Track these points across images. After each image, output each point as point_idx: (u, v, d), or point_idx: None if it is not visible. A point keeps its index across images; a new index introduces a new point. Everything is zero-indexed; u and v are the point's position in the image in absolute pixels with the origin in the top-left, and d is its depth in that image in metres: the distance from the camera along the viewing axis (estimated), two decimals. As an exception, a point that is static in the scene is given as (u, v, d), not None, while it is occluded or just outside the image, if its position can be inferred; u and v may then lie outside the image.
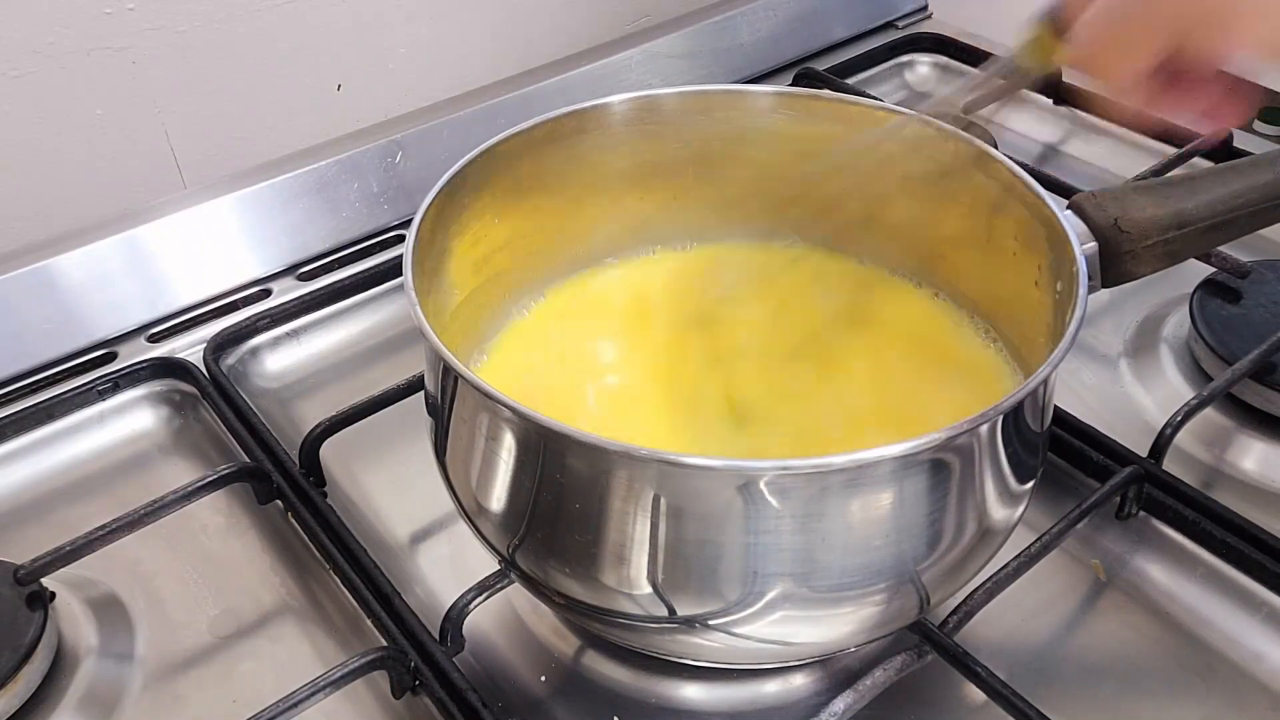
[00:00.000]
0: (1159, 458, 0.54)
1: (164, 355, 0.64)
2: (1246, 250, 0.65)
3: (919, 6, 0.96)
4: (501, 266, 0.55)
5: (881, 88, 0.90)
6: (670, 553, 0.39)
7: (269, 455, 0.56)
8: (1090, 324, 0.64)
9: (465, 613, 0.47)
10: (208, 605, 0.52)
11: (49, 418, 0.61)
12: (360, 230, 0.73)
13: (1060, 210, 0.46)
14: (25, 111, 0.68)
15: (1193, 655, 0.49)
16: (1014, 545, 0.47)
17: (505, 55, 0.85)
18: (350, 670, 0.45)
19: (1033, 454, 0.44)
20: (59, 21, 0.67)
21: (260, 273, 0.70)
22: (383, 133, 0.74)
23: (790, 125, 0.55)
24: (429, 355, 0.46)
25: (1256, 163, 0.47)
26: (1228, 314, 0.61)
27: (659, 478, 0.38)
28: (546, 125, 0.52)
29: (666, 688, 0.48)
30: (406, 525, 0.56)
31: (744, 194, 0.58)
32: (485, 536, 0.45)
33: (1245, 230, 0.47)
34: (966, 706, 0.47)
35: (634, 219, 0.58)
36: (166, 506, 0.52)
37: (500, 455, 0.41)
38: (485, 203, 0.52)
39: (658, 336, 0.56)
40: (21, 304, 0.63)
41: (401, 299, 0.56)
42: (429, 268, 0.48)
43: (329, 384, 0.65)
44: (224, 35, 0.73)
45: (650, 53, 0.83)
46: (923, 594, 0.42)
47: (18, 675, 0.46)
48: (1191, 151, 0.74)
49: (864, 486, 0.38)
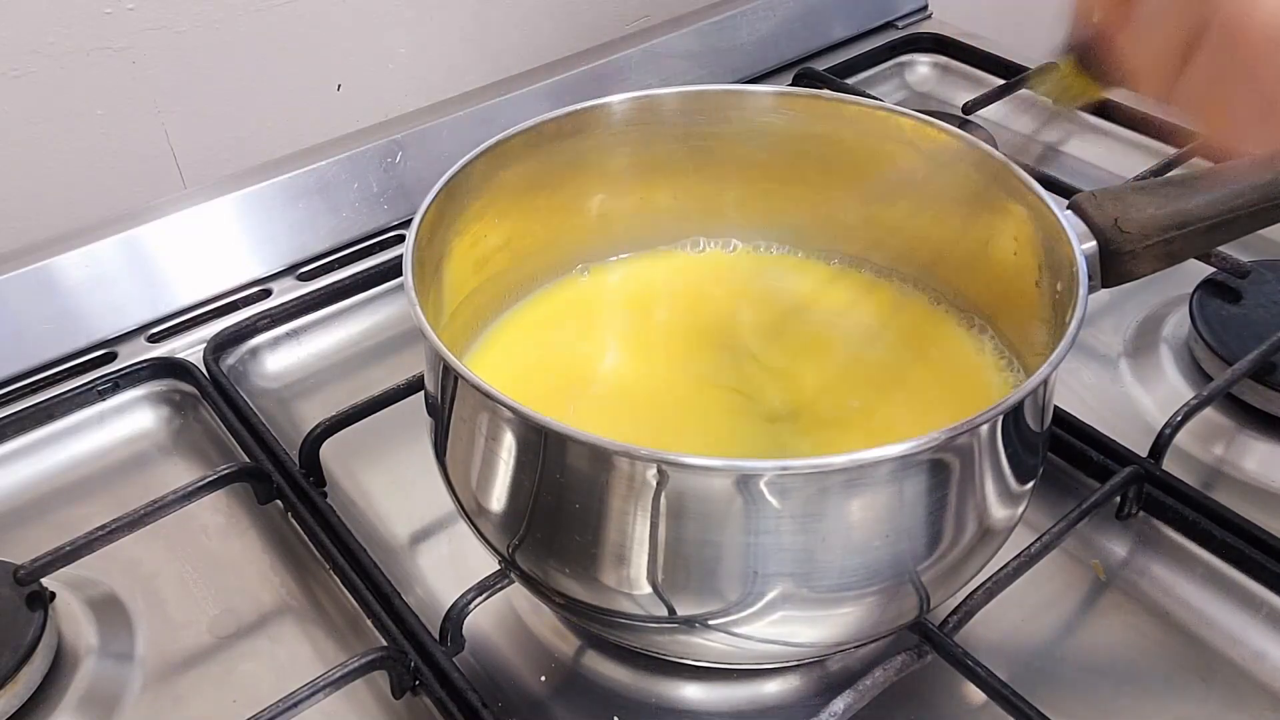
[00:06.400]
0: (1159, 458, 0.54)
1: (164, 355, 0.64)
2: (1246, 250, 0.65)
3: (919, 6, 0.96)
4: (501, 266, 0.55)
5: (881, 88, 0.90)
6: (670, 553, 0.39)
7: (269, 455, 0.56)
8: (1090, 324, 0.64)
9: (465, 613, 0.47)
10: (208, 605, 0.52)
11: (49, 418, 0.61)
12: (360, 230, 0.73)
13: (1060, 210, 0.46)
14: (25, 111, 0.68)
15: (1193, 655, 0.49)
16: (1014, 545, 0.47)
17: (505, 55, 0.85)
18: (350, 670, 0.45)
19: (1033, 454, 0.44)
20: (59, 21, 0.67)
21: (260, 273, 0.70)
22: (383, 133, 0.74)
23: (790, 125, 0.55)
24: (429, 355, 0.46)
25: (1256, 163, 0.47)
26: (1228, 314, 0.61)
27: (659, 478, 0.38)
28: (546, 125, 0.52)
29: (666, 688, 0.48)
30: (406, 525, 0.56)
31: (744, 194, 0.58)
32: (485, 536, 0.45)
33: (1245, 230, 0.47)
34: (966, 706, 0.47)
35: (634, 219, 0.58)
36: (166, 506, 0.52)
37: (500, 455, 0.41)
38: (485, 203, 0.52)
39: (657, 337, 0.56)
40: (21, 304, 0.63)
41: (401, 299, 0.56)
42: (429, 268, 0.48)
43: (329, 384, 0.65)
44: (224, 35, 0.73)
45: (650, 53, 0.83)
46: (923, 594, 0.42)
47: (18, 675, 0.46)
48: (1191, 151, 0.74)
49: (864, 486, 0.38)
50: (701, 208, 0.59)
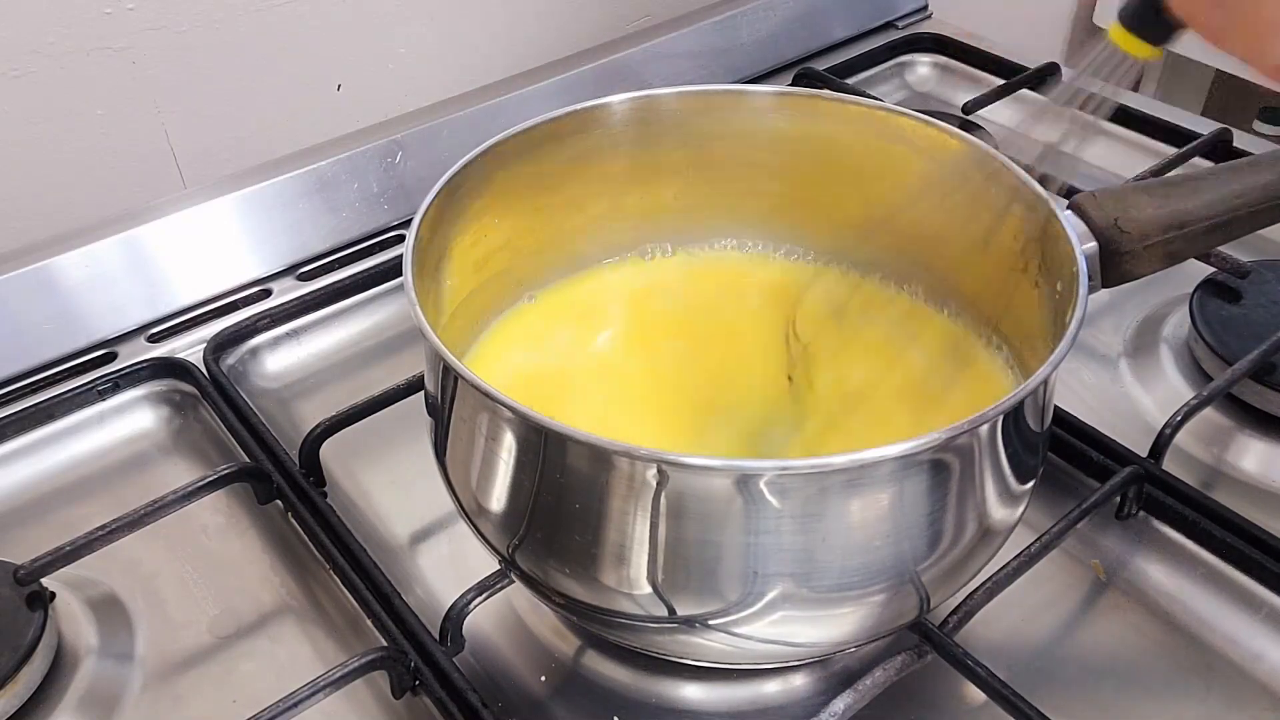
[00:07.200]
0: (1159, 458, 0.54)
1: (164, 355, 0.64)
2: (1246, 250, 0.65)
3: (919, 6, 0.96)
4: (501, 266, 0.55)
5: (881, 88, 0.90)
6: (670, 553, 0.39)
7: (269, 455, 0.56)
8: (1090, 324, 0.64)
9: (465, 613, 0.47)
10: (208, 605, 0.52)
11: (49, 418, 0.61)
12: (360, 230, 0.73)
13: (1060, 210, 0.46)
14: (25, 111, 0.68)
15: (1193, 655, 0.49)
16: (1014, 545, 0.47)
17: (505, 55, 0.85)
18: (350, 670, 0.45)
19: (1033, 454, 0.44)
20: (59, 21, 0.67)
21: (260, 273, 0.70)
22: (383, 133, 0.74)
23: (790, 125, 0.55)
24: (429, 355, 0.46)
25: (1256, 163, 0.47)
26: (1228, 314, 0.61)
27: (659, 478, 0.38)
28: (546, 125, 0.52)
29: (666, 688, 0.48)
30: (406, 525, 0.56)
31: (744, 194, 0.58)
32: (485, 536, 0.45)
33: (1245, 230, 0.47)
34: (966, 706, 0.47)
35: (634, 219, 0.58)
36: (166, 506, 0.52)
37: (500, 455, 0.41)
38: (485, 203, 0.52)
39: (657, 336, 0.56)
40: (21, 304, 0.63)
41: (401, 299, 0.56)
42: (429, 268, 0.48)
43: (329, 384, 0.65)
44: (224, 35, 0.73)
45: (650, 53, 0.83)
46: (923, 594, 0.42)
47: (18, 675, 0.46)
48: (1191, 151, 0.74)
49: (864, 486, 0.38)
50: (701, 208, 0.59)
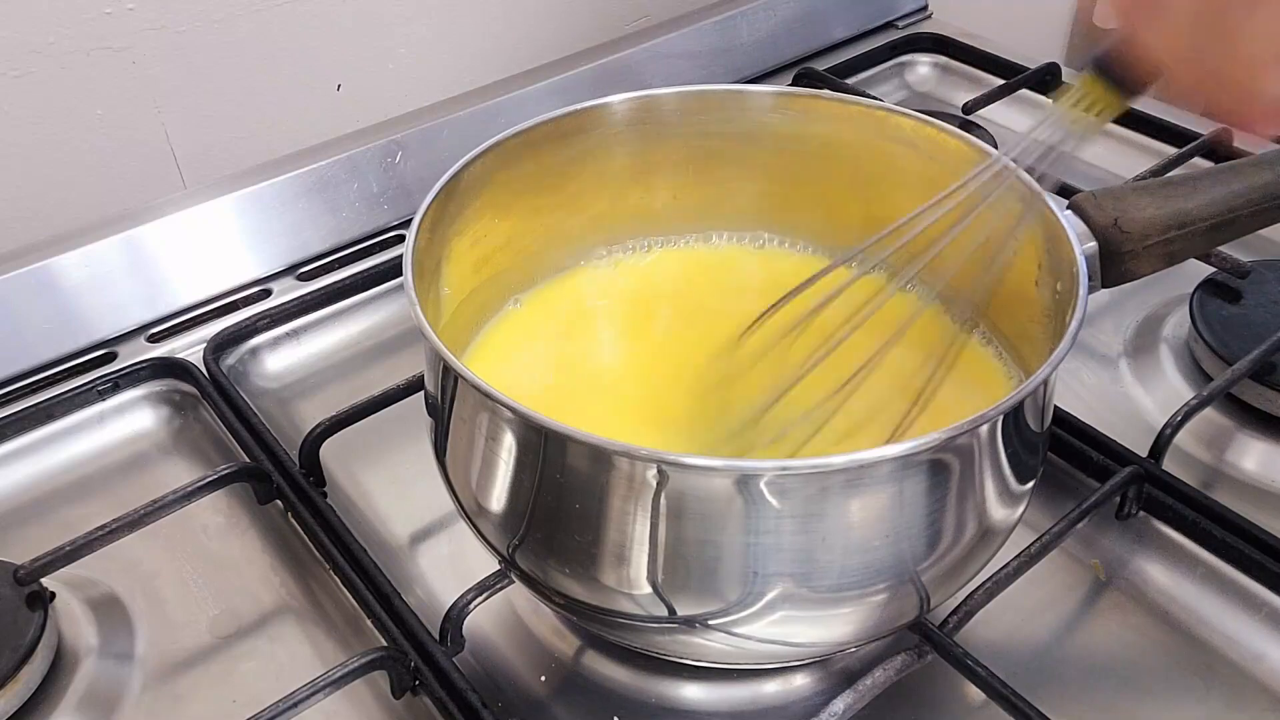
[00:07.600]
0: (1159, 458, 0.54)
1: (164, 355, 0.64)
2: (1246, 250, 0.65)
3: (919, 6, 0.96)
4: (501, 266, 0.55)
5: (881, 88, 0.90)
6: (670, 553, 0.39)
7: (269, 455, 0.56)
8: (1090, 324, 0.64)
9: (465, 613, 0.47)
10: (208, 605, 0.52)
11: (49, 418, 0.61)
12: (360, 230, 0.73)
13: (1060, 210, 0.46)
14: (25, 111, 0.68)
15: (1193, 655, 0.49)
16: (1014, 545, 0.47)
17: (505, 55, 0.85)
18: (350, 670, 0.45)
19: (1033, 454, 0.44)
20: (59, 21, 0.67)
21: (260, 273, 0.70)
22: (383, 133, 0.74)
23: (790, 125, 0.55)
24: (429, 355, 0.46)
25: (1256, 163, 0.47)
26: (1228, 314, 0.61)
27: (659, 478, 0.38)
28: (546, 125, 0.52)
29: (666, 688, 0.48)
30: (406, 525, 0.56)
31: (744, 194, 0.58)
32: (485, 536, 0.45)
33: (1245, 230, 0.47)
34: (966, 706, 0.47)
35: (634, 219, 0.58)
36: (166, 506, 0.52)
37: (500, 455, 0.41)
38: (485, 203, 0.52)
39: (657, 336, 0.56)
40: (21, 304, 0.63)
41: (401, 299, 0.56)
42: (429, 268, 0.48)
43: (329, 384, 0.65)
44: (224, 35, 0.73)
45: (650, 53, 0.83)
46: (923, 594, 0.42)
47: (18, 675, 0.46)
48: (1191, 151, 0.74)
49: (864, 487, 0.38)
50: (701, 207, 0.59)
